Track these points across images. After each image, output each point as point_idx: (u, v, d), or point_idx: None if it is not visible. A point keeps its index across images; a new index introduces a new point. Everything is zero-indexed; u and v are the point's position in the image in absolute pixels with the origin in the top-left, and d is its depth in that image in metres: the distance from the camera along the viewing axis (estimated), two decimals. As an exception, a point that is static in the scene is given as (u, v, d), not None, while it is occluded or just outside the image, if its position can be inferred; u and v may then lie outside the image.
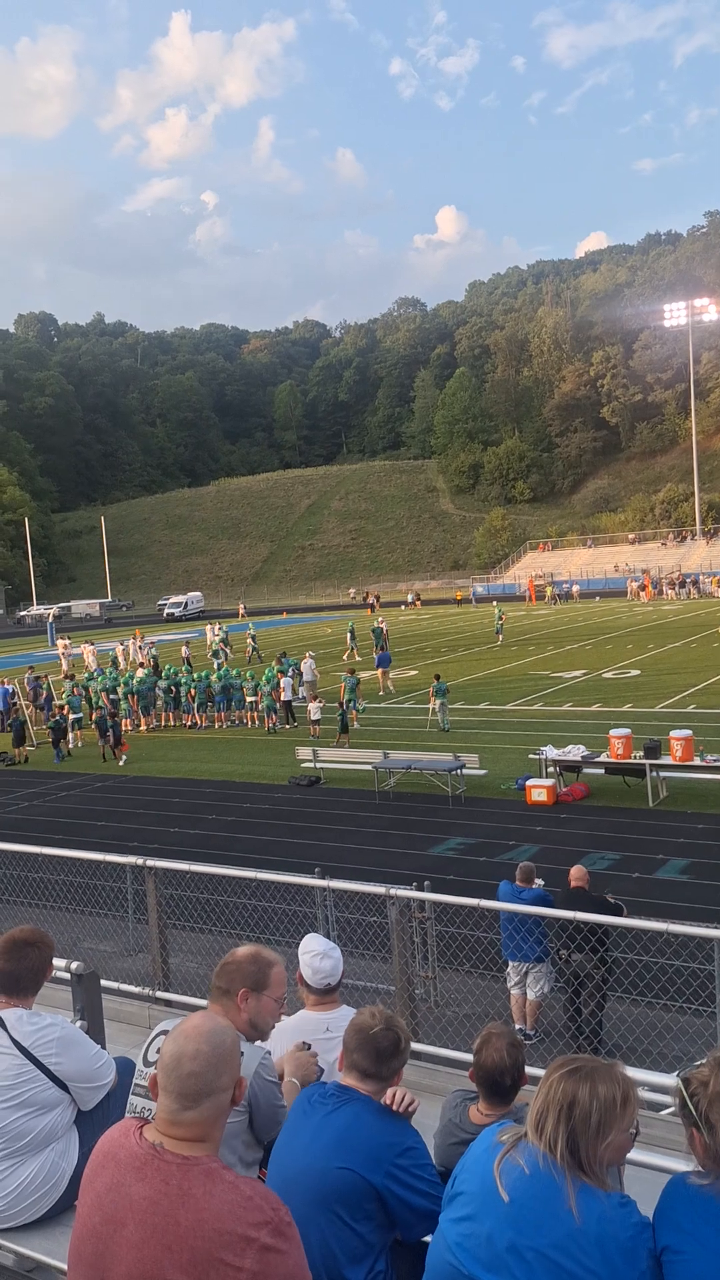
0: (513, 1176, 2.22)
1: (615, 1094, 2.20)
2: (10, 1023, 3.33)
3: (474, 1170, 2.34)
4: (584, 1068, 2.25)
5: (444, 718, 25.18)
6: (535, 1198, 2.17)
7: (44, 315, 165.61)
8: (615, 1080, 2.23)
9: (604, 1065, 2.29)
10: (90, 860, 7.87)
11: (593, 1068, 2.25)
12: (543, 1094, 2.24)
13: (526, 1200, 2.18)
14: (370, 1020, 2.94)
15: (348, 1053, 2.94)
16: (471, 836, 16.23)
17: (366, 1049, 2.90)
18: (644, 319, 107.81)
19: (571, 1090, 2.20)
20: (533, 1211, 2.16)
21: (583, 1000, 9.09)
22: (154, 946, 7.39)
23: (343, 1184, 2.72)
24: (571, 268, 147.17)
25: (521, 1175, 2.21)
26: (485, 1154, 2.33)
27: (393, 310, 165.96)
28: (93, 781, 23.05)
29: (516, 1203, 2.19)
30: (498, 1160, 2.26)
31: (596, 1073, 2.23)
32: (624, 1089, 2.23)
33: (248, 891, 9.85)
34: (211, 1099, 2.14)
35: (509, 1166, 2.24)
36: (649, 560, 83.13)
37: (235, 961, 3.26)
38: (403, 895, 6.59)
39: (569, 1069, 2.25)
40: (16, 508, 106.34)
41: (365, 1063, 2.90)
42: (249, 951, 3.31)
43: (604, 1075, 2.24)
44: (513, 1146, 2.26)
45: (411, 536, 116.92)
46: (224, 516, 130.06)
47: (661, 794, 17.75)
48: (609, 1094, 2.20)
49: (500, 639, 45.86)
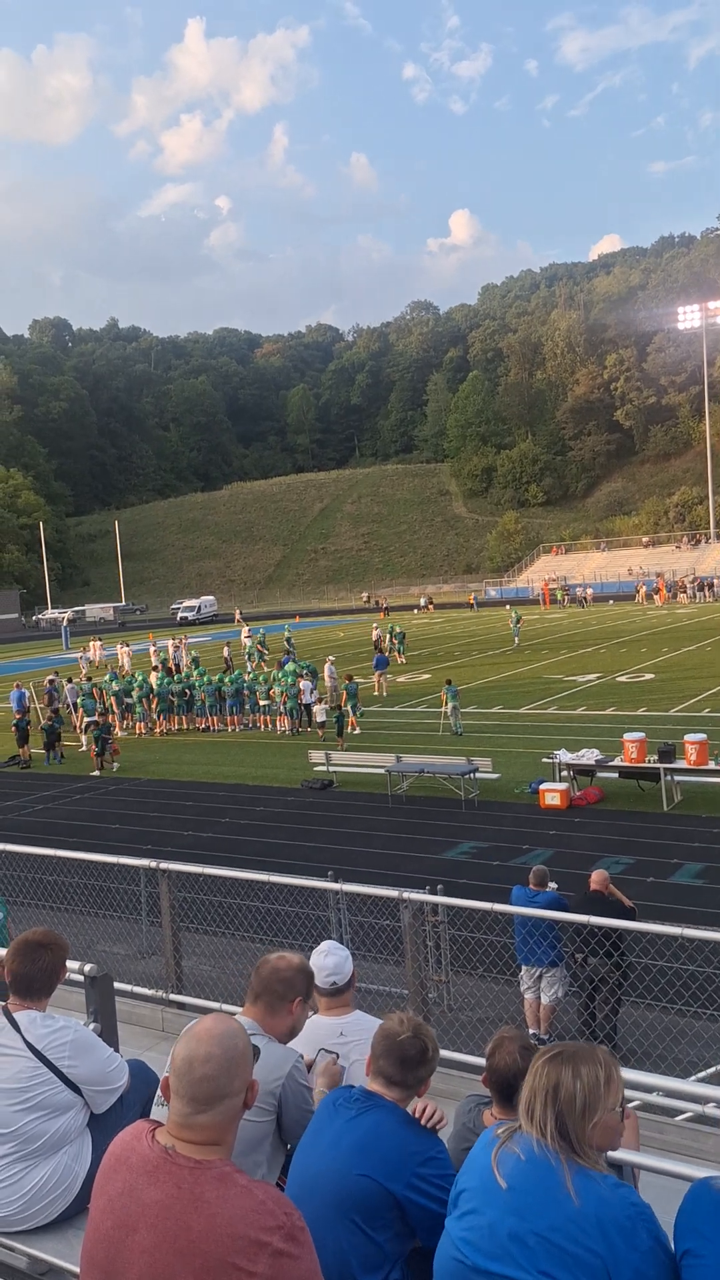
0: (509, 1164, 2.24)
1: (599, 1074, 2.24)
2: (24, 1025, 3.33)
3: (473, 1166, 2.36)
4: (565, 1052, 2.28)
5: (456, 721, 25.14)
6: (533, 1182, 2.19)
7: (59, 320, 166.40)
8: (597, 1061, 2.27)
9: (586, 1048, 2.32)
10: (104, 863, 7.89)
11: (574, 1051, 2.29)
12: (529, 1082, 2.28)
13: (525, 1185, 2.20)
14: (398, 1027, 2.92)
15: (374, 1058, 2.92)
16: (485, 840, 16.19)
17: (393, 1055, 2.88)
18: (657, 321, 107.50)
19: (555, 1075, 2.24)
20: (531, 1196, 2.18)
21: (597, 1005, 9.05)
22: (167, 949, 7.40)
23: (362, 1192, 2.68)
24: (585, 270, 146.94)
25: (518, 1162, 2.23)
26: (484, 1149, 2.35)
27: (405, 314, 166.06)
28: (106, 785, 23.10)
29: (515, 1189, 2.20)
30: (494, 1151, 2.29)
31: (578, 1056, 2.27)
32: (606, 1069, 2.26)
33: (261, 895, 9.84)
34: (224, 1103, 2.13)
35: (505, 1155, 2.26)
36: (663, 564, 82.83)
37: (291, 970, 3.27)
38: (416, 899, 6.58)
39: (551, 1055, 2.29)
40: (31, 512, 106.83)
41: (391, 1069, 2.87)
42: (298, 963, 3.33)
43: (586, 1057, 2.27)
44: (508, 1138, 2.29)
45: (424, 540, 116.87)
46: (237, 520, 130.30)
47: (676, 798, 17.66)
48: (592, 1075, 2.23)
49: (517, 641, 45.81)
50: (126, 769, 24.63)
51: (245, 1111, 2.21)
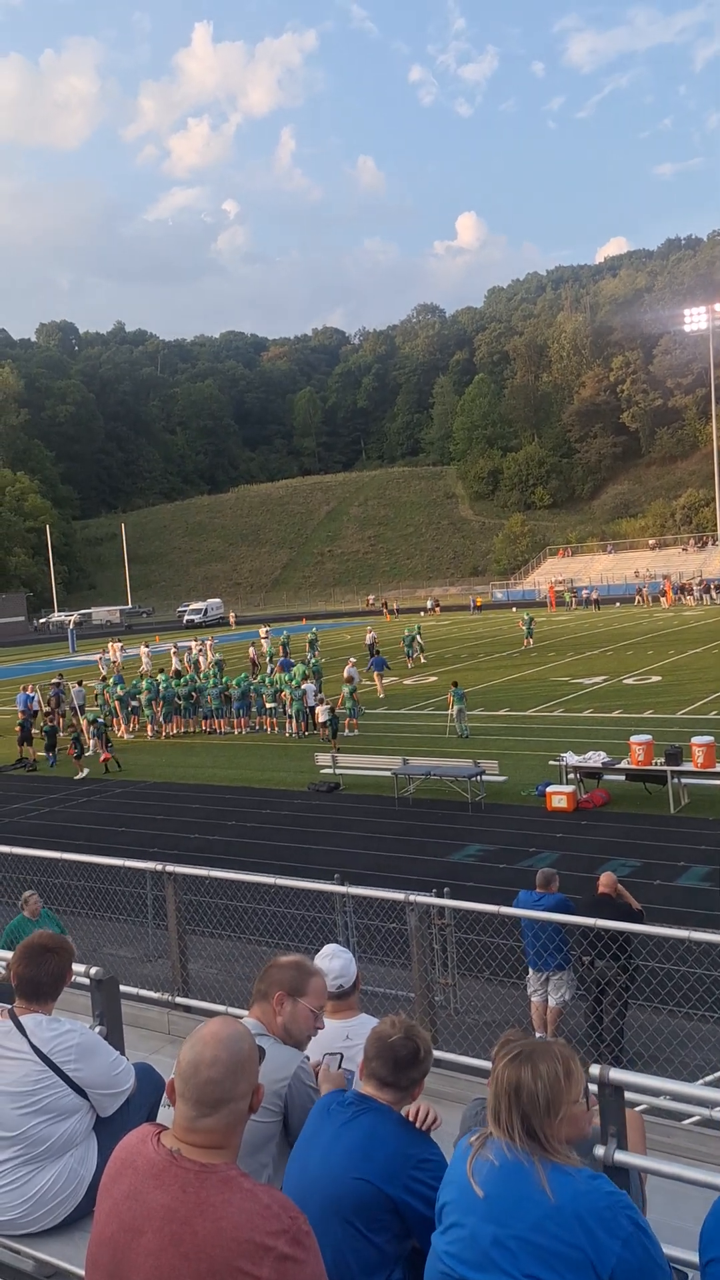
0: (484, 1172, 2.24)
1: (557, 1070, 2.25)
2: (30, 1028, 3.33)
3: (452, 1179, 2.36)
4: (523, 1052, 2.29)
5: (462, 725, 25.12)
6: (508, 1186, 2.19)
7: (65, 324, 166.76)
8: (555, 1056, 2.27)
9: (541, 1045, 2.33)
10: (110, 866, 7.89)
11: (531, 1049, 2.30)
12: (493, 1086, 2.29)
13: (500, 1191, 2.20)
14: (390, 1029, 2.92)
15: (366, 1061, 2.92)
16: (491, 843, 16.17)
17: (385, 1057, 2.87)
18: (664, 324, 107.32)
19: (515, 1075, 2.24)
20: (508, 1200, 2.18)
21: (604, 1008, 9.03)
22: (173, 952, 7.39)
23: (359, 1195, 2.68)
24: (591, 273, 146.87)
25: (492, 1168, 2.23)
26: (459, 1160, 2.35)
27: (412, 317, 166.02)
28: (113, 787, 23.13)
29: (491, 1196, 2.20)
30: (469, 1161, 2.28)
31: (535, 1054, 2.28)
32: (565, 1063, 2.27)
33: (267, 897, 9.84)
34: (229, 1106, 2.13)
35: (480, 1163, 2.26)
36: (669, 566, 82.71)
37: (277, 966, 3.31)
38: (422, 902, 6.57)
39: (510, 1055, 2.29)
40: (38, 515, 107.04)
41: (383, 1071, 2.87)
42: (293, 959, 3.36)
43: (543, 1054, 2.27)
44: (481, 1145, 2.28)
45: (430, 543, 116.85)
46: (243, 523, 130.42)
47: (683, 800, 17.63)
48: (550, 1071, 2.24)
49: (530, 642, 45.71)
50: (132, 772, 24.66)
51: (251, 1115, 2.21)
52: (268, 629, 53.51)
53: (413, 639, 42.30)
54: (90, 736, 27.26)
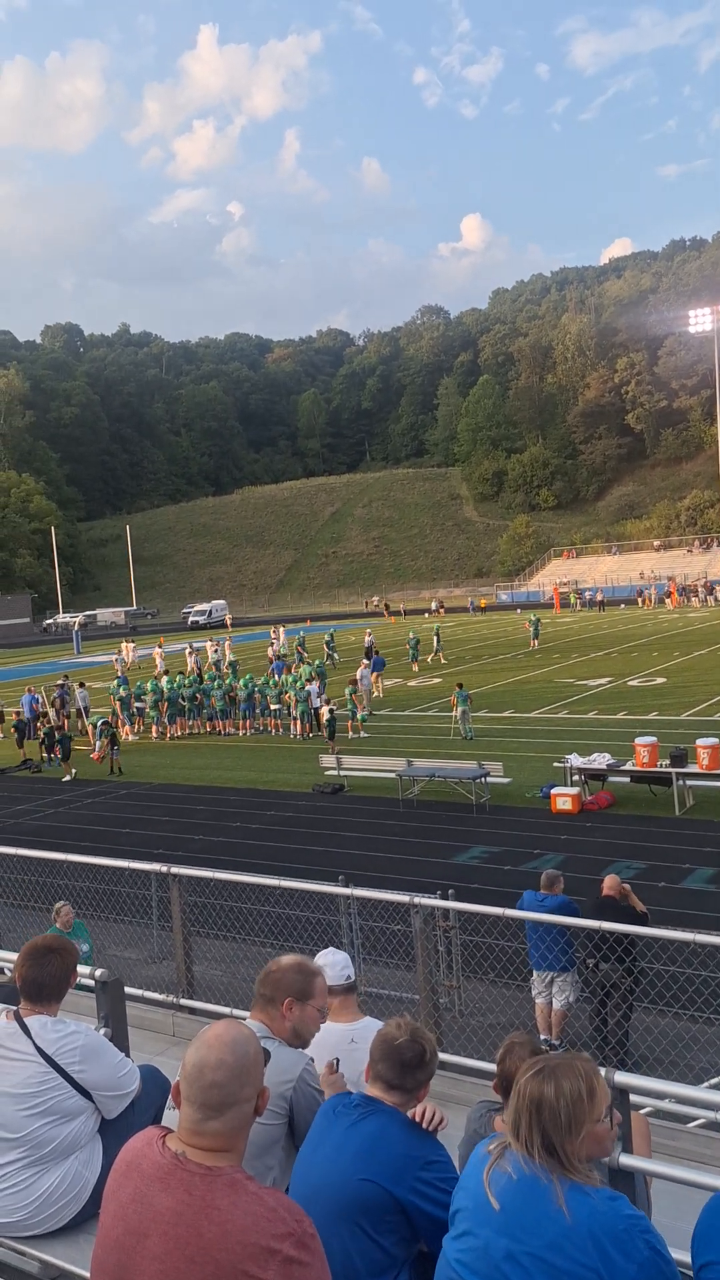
0: (501, 1184, 2.21)
1: (580, 1088, 2.21)
2: (34, 1030, 3.33)
3: (467, 1186, 2.34)
4: (547, 1067, 2.25)
5: (466, 726, 25.10)
6: (524, 1201, 2.16)
7: (70, 326, 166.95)
8: (579, 1074, 2.24)
9: (567, 1061, 2.29)
10: (115, 867, 7.89)
11: (555, 1065, 2.26)
12: (514, 1100, 2.25)
13: (516, 1205, 2.17)
14: (396, 1031, 2.92)
15: (373, 1063, 2.92)
16: (496, 845, 16.16)
17: (391, 1060, 2.87)
18: (669, 325, 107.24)
19: (537, 1091, 2.21)
20: (524, 1216, 2.15)
21: (609, 1010, 9.02)
22: (178, 954, 7.39)
23: (365, 1196, 2.68)
24: (596, 274, 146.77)
25: (509, 1181, 2.20)
26: (476, 1167, 2.33)
27: (416, 318, 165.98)
28: (117, 789, 23.15)
29: (507, 1209, 2.18)
30: (486, 1170, 2.26)
31: (559, 1070, 2.24)
32: (588, 1081, 2.23)
33: (272, 899, 9.84)
34: (235, 1109, 2.13)
35: (497, 1175, 2.23)
36: (675, 567, 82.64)
37: (280, 971, 3.27)
38: (427, 904, 6.56)
39: (533, 1070, 2.26)
40: (43, 517, 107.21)
41: (389, 1074, 2.87)
42: (294, 961, 3.32)
43: (567, 1071, 2.24)
44: (499, 1155, 2.26)
45: (435, 544, 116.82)
46: (248, 525, 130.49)
47: (688, 803, 17.61)
48: (574, 1089, 2.20)
49: (536, 644, 45.66)
50: (136, 773, 24.67)
51: (257, 1118, 2.21)
52: (283, 629, 53.52)
53: (418, 641, 42.27)
54: (96, 738, 27.29)
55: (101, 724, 27.16)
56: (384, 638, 51.12)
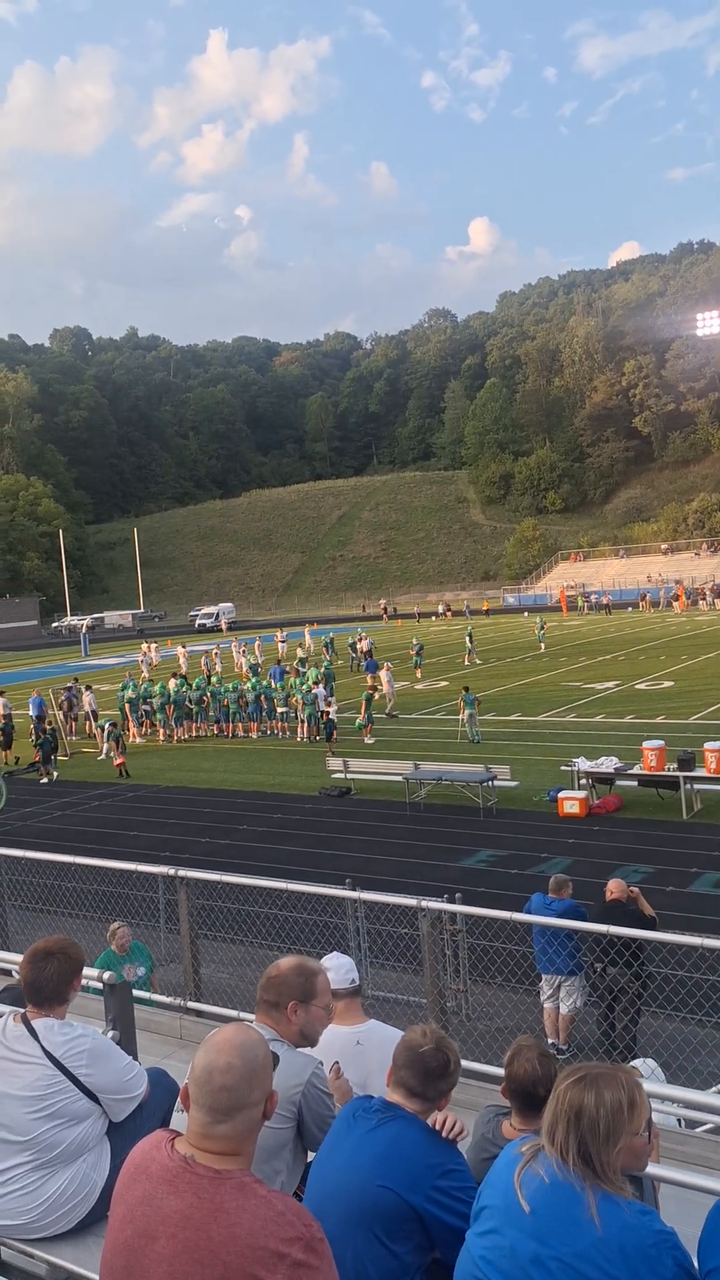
0: (533, 1187, 2.21)
1: (621, 1099, 2.20)
2: (42, 1033, 3.33)
3: (496, 1184, 2.33)
4: (589, 1075, 2.24)
5: (473, 730, 25.08)
6: (556, 1207, 2.16)
7: (79, 330, 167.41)
8: (620, 1085, 2.22)
9: (609, 1071, 2.27)
10: (122, 870, 7.90)
11: (597, 1074, 2.24)
12: (552, 1105, 2.24)
13: (547, 1210, 2.17)
14: (421, 1039, 2.91)
15: (396, 1069, 2.91)
16: (503, 848, 16.14)
17: (415, 1067, 2.86)
18: (676, 328, 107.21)
19: (578, 1099, 2.19)
20: (554, 1221, 2.15)
21: (617, 1015, 8.99)
22: (185, 957, 7.40)
23: (382, 1203, 2.66)
24: (603, 278, 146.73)
25: (541, 1185, 2.19)
26: (507, 1167, 2.32)
27: (423, 322, 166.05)
28: (125, 791, 23.17)
29: (538, 1213, 2.18)
30: (518, 1171, 2.25)
31: (601, 1079, 2.23)
32: (629, 1093, 2.22)
33: (279, 902, 9.84)
34: (243, 1113, 2.13)
35: (529, 1177, 2.23)
36: (682, 570, 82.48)
37: (281, 974, 3.26)
38: (434, 907, 6.56)
39: (575, 1078, 2.24)
40: (51, 520, 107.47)
41: (412, 1081, 2.86)
42: (294, 963, 3.31)
43: (609, 1081, 2.23)
44: (532, 1157, 2.25)
45: (442, 547, 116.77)
46: (255, 528, 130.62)
47: (696, 806, 17.56)
48: (615, 1100, 2.19)
49: (543, 647, 45.67)
50: (143, 776, 24.69)
51: (265, 1121, 2.21)
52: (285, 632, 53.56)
53: (421, 647, 41.99)
54: (103, 740, 27.39)
55: (109, 725, 27.24)
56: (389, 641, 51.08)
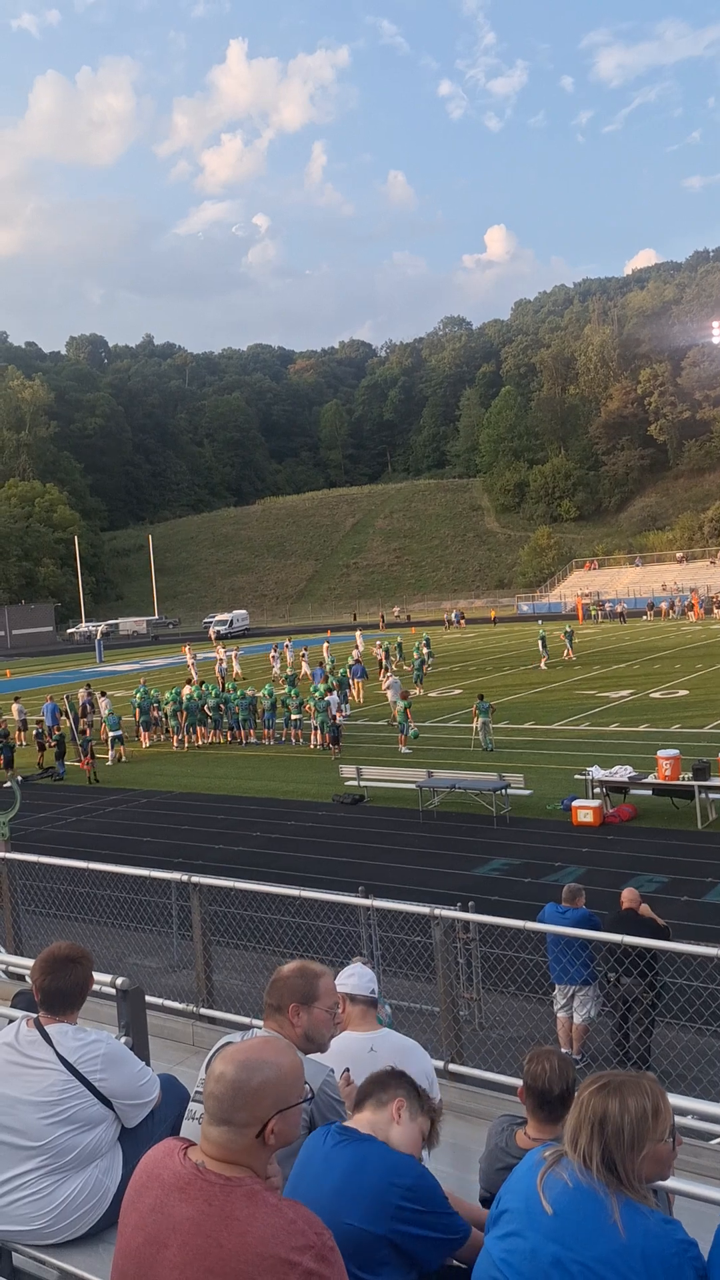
0: (556, 1190, 2.20)
1: (645, 1106, 2.19)
2: (56, 1038, 3.34)
3: (517, 1188, 2.32)
4: (613, 1082, 2.24)
5: (487, 738, 25.02)
6: (579, 1211, 2.15)
7: (95, 337, 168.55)
8: (645, 1092, 2.22)
9: (633, 1078, 2.27)
10: (136, 876, 7.91)
11: (621, 1081, 2.24)
12: (576, 1112, 2.24)
13: (570, 1214, 2.16)
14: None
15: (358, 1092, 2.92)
16: (516, 857, 16.08)
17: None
18: (692, 336, 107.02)
19: (602, 1106, 2.19)
20: (577, 1225, 2.14)
21: (631, 1025, 8.94)
22: (198, 963, 7.40)
23: (352, 1240, 2.50)
24: (619, 285, 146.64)
25: (565, 1189, 2.19)
26: (529, 1171, 2.31)
27: (438, 330, 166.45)
28: (139, 797, 23.21)
29: (560, 1216, 2.17)
30: (540, 1175, 2.25)
31: (625, 1086, 2.23)
32: (654, 1100, 2.21)
33: (292, 909, 9.83)
34: (233, 1125, 2.11)
35: (552, 1181, 2.22)
36: (697, 579, 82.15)
37: (282, 978, 3.26)
38: (447, 916, 6.53)
39: (599, 1085, 2.24)
40: (66, 526, 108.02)
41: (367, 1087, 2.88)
42: (295, 966, 3.31)
43: (633, 1088, 2.22)
44: (555, 1162, 2.25)
45: (456, 555, 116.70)
46: (269, 535, 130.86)
47: (710, 816, 17.46)
48: (639, 1106, 2.18)
49: (572, 655, 45.21)
50: (157, 782, 24.74)
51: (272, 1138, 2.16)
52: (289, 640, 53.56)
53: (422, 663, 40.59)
54: (111, 747, 27.64)
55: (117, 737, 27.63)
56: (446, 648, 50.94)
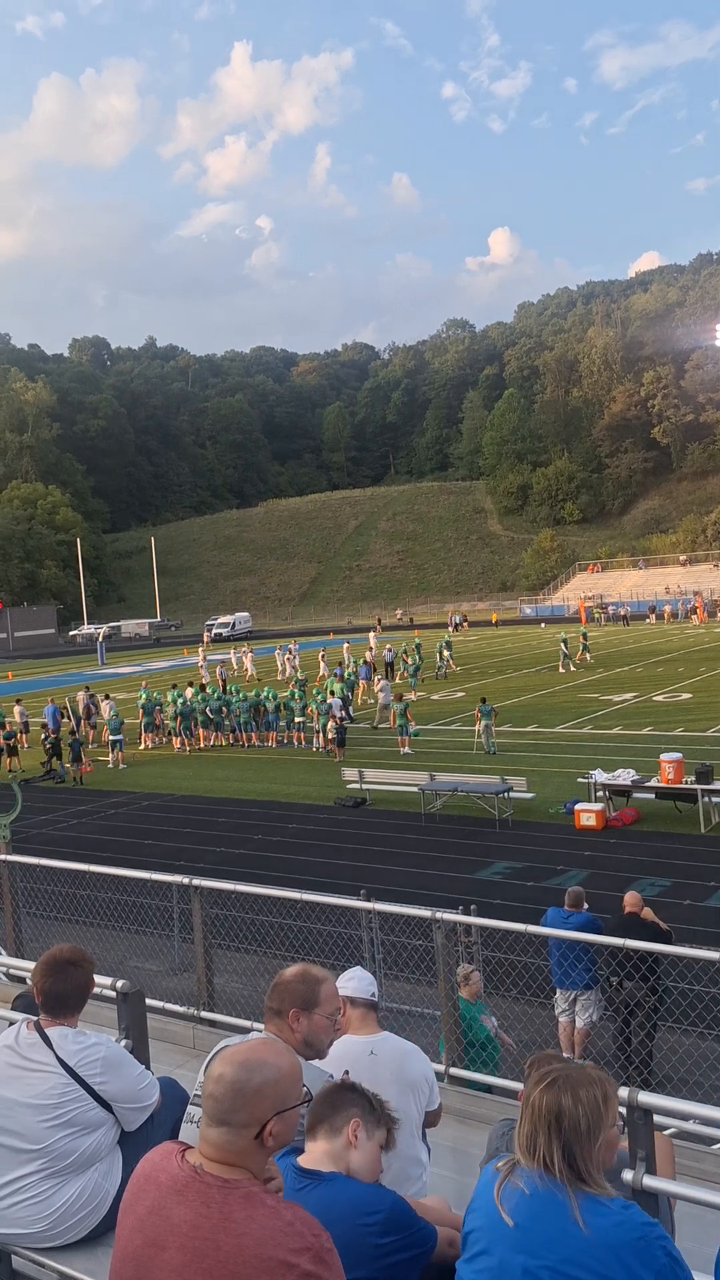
0: (514, 1201, 2.18)
1: (596, 1094, 2.19)
2: (56, 1041, 3.33)
3: (478, 1206, 2.30)
4: (560, 1077, 2.22)
5: (489, 740, 25.01)
6: (539, 1217, 2.14)
7: (97, 339, 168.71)
8: (593, 1080, 2.22)
9: (577, 1069, 2.26)
10: (137, 879, 7.91)
11: (568, 1075, 2.23)
12: (527, 1114, 2.21)
13: (531, 1221, 2.15)
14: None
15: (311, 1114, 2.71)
16: (518, 860, 16.07)
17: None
18: (696, 338, 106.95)
19: (555, 1103, 2.17)
20: (539, 1231, 2.13)
21: (633, 1029, 8.92)
22: (199, 966, 7.40)
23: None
24: (622, 288, 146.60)
25: (523, 1197, 2.17)
26: (485, 1187, 2.29)
27: (441, 332, 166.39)
28: (140, 800, 23.22)
29: (522, 1226, 2.16)
30: (497, 1187, 2.23)
31: (574, 1078, 2.21)
32: (602, 1087, 2.22)
33: (293, 913, 9.82)
34: (229, 1126, 2.11)
35: (509, 1192, 2.20)
36: (701, 582, 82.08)
37: (284, 982, 3.25)
38: (449, 919, 6.52)
39: (545, 1083, 2.22)
40: (69, 528, 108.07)
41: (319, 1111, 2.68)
42: (296, 971, 3.30)
43: (581, 1079, 2.22)
44: (509, 1173, 2.23)
45: (459, 558, 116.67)
46: (272, 537, 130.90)
47: (714, 819, 17.44)
48: (591, 1096, 2.18)
49: (589, 658, 44.85)
50: (159, 785, 24.73)
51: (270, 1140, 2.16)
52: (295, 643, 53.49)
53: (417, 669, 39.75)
54: (112, 750, 27.69)
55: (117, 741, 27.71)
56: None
